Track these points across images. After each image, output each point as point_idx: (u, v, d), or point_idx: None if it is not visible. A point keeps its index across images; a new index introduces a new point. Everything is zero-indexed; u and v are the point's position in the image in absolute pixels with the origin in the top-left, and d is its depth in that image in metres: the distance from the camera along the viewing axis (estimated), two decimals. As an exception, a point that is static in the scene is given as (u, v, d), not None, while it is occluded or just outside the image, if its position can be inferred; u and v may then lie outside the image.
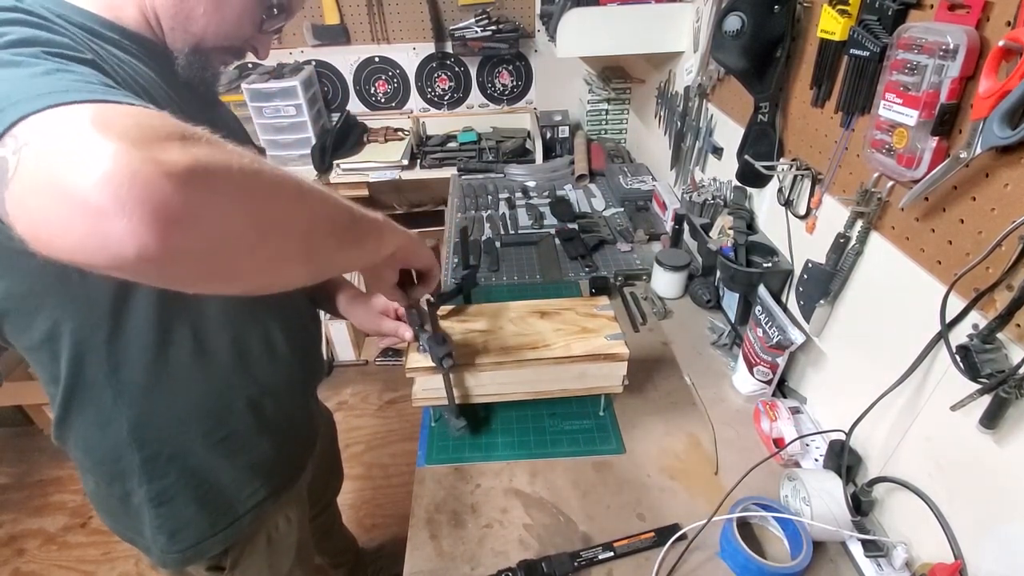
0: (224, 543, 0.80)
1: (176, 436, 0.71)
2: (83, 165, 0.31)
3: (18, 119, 0.34)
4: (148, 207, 0.31)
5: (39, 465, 2.10)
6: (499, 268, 1.42)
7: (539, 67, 2.21)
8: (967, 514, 0.66)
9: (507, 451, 0.94)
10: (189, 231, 0.33)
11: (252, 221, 0.38)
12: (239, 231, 0.37)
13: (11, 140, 0.33)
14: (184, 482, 0.73)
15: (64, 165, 0.31)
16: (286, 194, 0.42)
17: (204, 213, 0.34)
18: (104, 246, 0.31)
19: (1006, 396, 0.57)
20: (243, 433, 0.77)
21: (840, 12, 0.78)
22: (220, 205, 0.35)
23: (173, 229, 0.32)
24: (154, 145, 0.32)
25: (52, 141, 0.33)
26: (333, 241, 0.49)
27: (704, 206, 1.23)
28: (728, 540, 0.76)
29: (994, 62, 0.55)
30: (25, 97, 0.35)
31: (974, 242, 0.62)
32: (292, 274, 0.46)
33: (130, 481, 0.72)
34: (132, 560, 1.76)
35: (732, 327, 1.16)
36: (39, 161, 0.32)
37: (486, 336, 0.93)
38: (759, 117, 1.03)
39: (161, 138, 0.33)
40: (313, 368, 0.92)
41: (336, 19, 2.04)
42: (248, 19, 0.66)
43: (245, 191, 0.37)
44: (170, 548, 0.75)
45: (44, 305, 0.60)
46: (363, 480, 1.99)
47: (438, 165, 2.02)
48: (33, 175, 0.32)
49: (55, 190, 0.31)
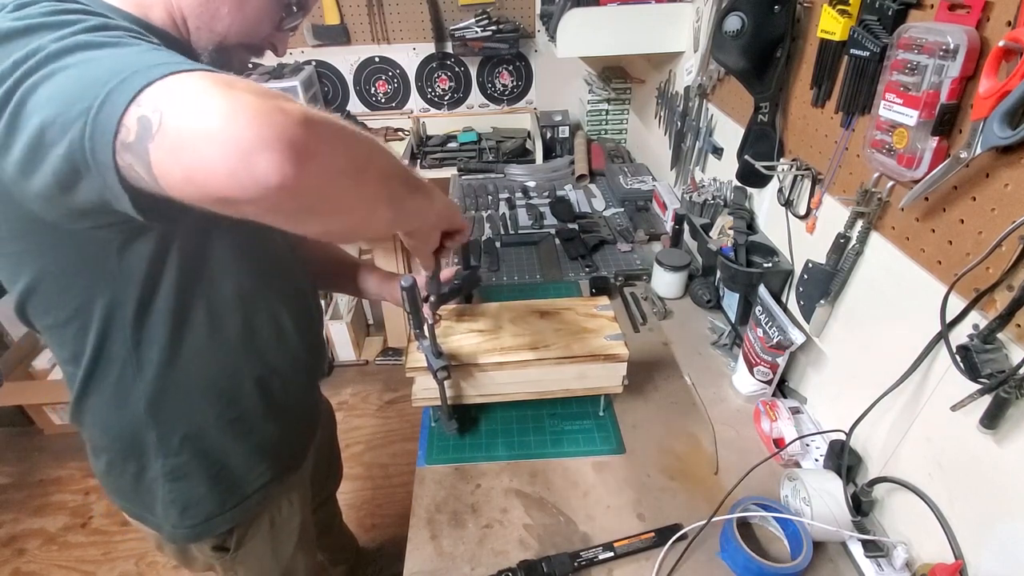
0: (232, 522, 0.83)
1: (190, 414, 0.74)
2: (228, 114, 0.37)
3: (145, 85, 0.39)
4: (286, 143, 0.38)
5: (39, 465, 2.10)
6: (499, 268, 1.42)
7: (539, 67, 2.21)
8: (967, 514, 0.66)
9: (507, 451, 0.94)
10: (315, 163, 0.40)
11: (351, 160, 0.46)
12: (344, 167, 0.45)
13: (147, 100, 0.38)
14: (197, 460, 0.77)
15: (209, 115, 0.37)
16: (367, 142, 0.49)
17: (323, 150, 0.41)
18: (253, 178, 0.38)
19: (1006, 396, 0.57)
20: (252, 415, 0.80)
21: (840, 12, 0.78)
22: (331, 144, 0.43)
23: (305, 160, 0.39)
24: (274, 98, 0.39)
25: (190, 98, 0.38)
26: (405, 189, 0.56)
27: (704, 206, 1.23)
28: (728, 540, 0.76)
29: (994, 62, 0.55)
30: (142, 67, 0.40)
31: (974, 242, 0.62)
32: (381, 217, 0.53)
33: (145, 457, 0.75)
34: (132, 560, 1.75)
35: (732, 327, 1.16)
36: (184, 115, 0.38)
37: (486, 336, 0.93)
38: (759, 117, 1.03)
39: (274, 94, 0.40)
40: (317, 355, 0.95)
41: (336, 19, 2.04)
42: (268, 18, 0.69)
43: (341, 137, 0.44)
44: (181, 523, 0.79)
45: (78, 282, 0.62)
46: (363, 480, 1.99)
47: (438, 165, 2.02)
48: (180, 127, 0.38)
49: (207, 136, 0.37)
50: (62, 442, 2.17)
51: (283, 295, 0.81)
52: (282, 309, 0.80)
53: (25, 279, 0.61)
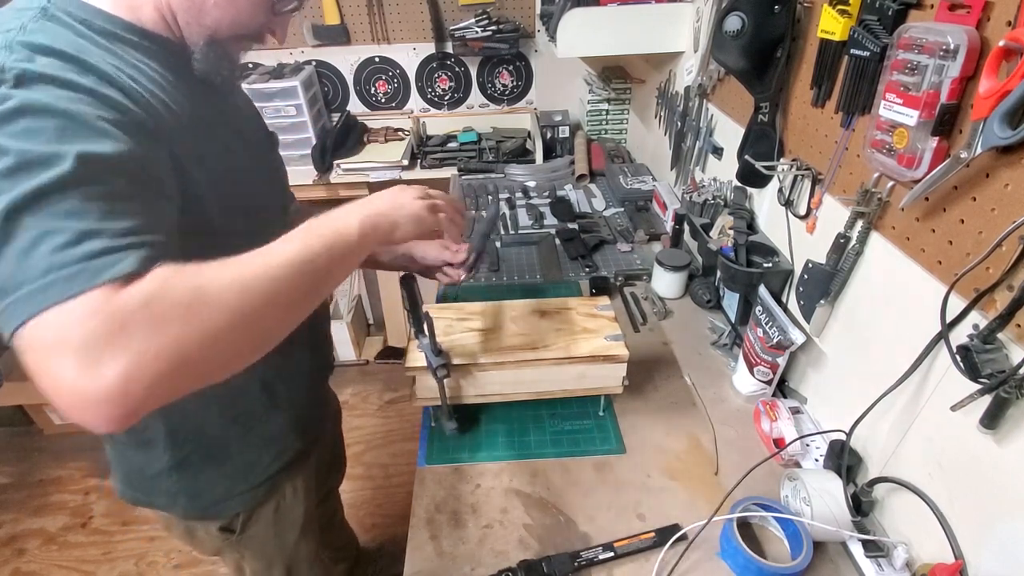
0: (240, 507, 0.87)
1: (196, 411, 0.77)
2: (56, 378, 0.41)
3: (24, 320, 0.42)
4: (97, 407, 0.41)
5: (39, 465, 2.10)
6: (499, 268, 1.42)
7: (539, 67, 2.21)
8: (968, 514, 0.66)
9: (507, 451, 0.93)
10: (138, 400, 0.43)
11: (207, 350, 0.46)
12: (195, 363, 0.46)
13: (21, 336, 0.42)
14: (204, 452, 0.80)
15: (46, 374, 0.41)
16: (235, 312, 0.47)
17: (148, 392, 0.43)
18: (82, 421, 0.42)
19: (1006, 396, 0.57)
20: (258, 412, 0.82)
21: (840, 12, 0.78)
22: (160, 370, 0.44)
23: (120, 410, 0.42)
24: (99, 360, 0.40)
25: (37, 351, 0.42)
26: (302, 294, 0.54)
27: (704, 206, 1.23)
28: (728, 540, 0.76)
29: (994, 62, 0.55)
30: (25, 290, 0.42)
31: (974, 242, 0.62)
32: (276, 337, 0.53)
33: (155, 449, 0.78)
34: (132, 560, 1.76)
35: (732, 327, 1.16)
36: (34, 372, 0.42)
37: (486, 336, 0.93)
38: (759, 117, 1.03)
39: (102, 346, 0.41)
40: (322, 352, 0.97)
41: (336, 19, 2.04)
42: (260, 5, 0.67)
43: (184, 340, 0.44)
44: (190, 507, 0.84)
45: None
46: (363, 480, 1.99)
47: (438, 165, 2.02)
48: (28, 362, 0.42)
49: (43, 380, 0.41)
50: (62, 442, 2.17)
51: None
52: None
53: None
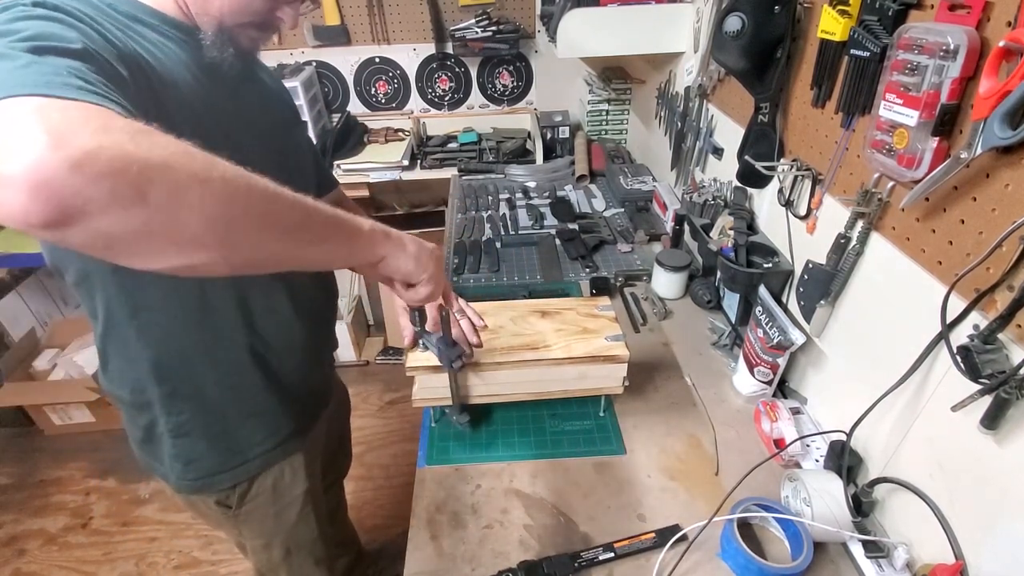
0: (233, 480, 0.88)
1: (191, 377, 0.79)
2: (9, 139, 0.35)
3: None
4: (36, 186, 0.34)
5: (39, 465, 2.10)
6: (499, 268, 1.42)
7: (539, 68, 2.21)
8: (968, 515, 0.66)
9: (507, 452, 0.93)
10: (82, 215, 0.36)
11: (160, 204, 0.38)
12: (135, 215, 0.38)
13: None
14: (199, 420, 0.82)
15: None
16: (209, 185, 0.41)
17: (94, 196, 0.35)
18: (12, 186, 0.34)
19: (1007, 397, 0.57)
20: (250, 384, 0.84)
21: (840, 12, 0.78)
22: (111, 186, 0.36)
23: (62, 187, 0.34)
24: (72, 133, 0.35)
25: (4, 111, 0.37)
26: (266, 235, 0.48)
27: (704, 206, 1.23)
28: (729, 541, 0.76)
29: (994, 62, 0.55)
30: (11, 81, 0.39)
31: (975, 242, 0.62)
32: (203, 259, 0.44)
33: (153, 412, 0.81)
34: (132, 560, 1.76)
35: (732, 328, 1.16)
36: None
37: (486, 336, 0.93)
38: (759, 117, 1.03)
39: (78, 127, 0.36)
40: (320, 335, 0.97)
41: (336, 20, 2.04)
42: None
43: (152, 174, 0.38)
44: (185, 475, 0.85)
45: (70, 251, 0.66)
46: (364, 480, 1.99)
47: (438, 166, 2.02)
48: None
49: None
50: (62, 443, 2.17)
51: (278, 279, 0.82)
52: (278, 290, 0.82)
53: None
